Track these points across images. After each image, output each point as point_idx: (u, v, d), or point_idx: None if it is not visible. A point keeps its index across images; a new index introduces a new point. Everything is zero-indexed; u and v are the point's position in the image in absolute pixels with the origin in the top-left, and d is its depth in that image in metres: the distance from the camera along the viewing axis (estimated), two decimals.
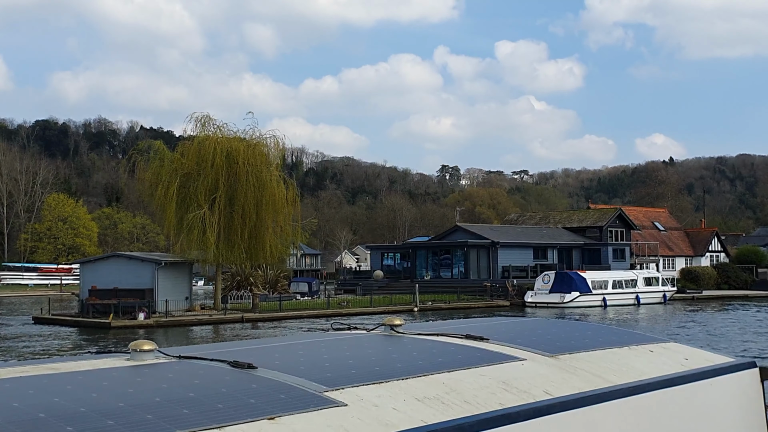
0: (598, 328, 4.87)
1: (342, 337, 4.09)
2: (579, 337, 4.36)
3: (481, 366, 3.40)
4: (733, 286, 68.30)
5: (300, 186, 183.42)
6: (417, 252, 61.98)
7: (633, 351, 4.18)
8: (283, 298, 50.63)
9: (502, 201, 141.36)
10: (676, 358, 4.21)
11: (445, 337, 3.98)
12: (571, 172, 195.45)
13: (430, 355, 3.56)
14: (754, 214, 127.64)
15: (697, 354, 4.44)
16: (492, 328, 4.50)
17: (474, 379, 3.21)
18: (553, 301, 52.67)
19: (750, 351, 26.72)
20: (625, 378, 3.67)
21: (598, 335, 4.46)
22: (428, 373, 3.19)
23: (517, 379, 3.32)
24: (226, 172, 42.29)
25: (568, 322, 5.30)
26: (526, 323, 5.07)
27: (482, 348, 3.77)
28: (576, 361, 3.77)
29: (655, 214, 79.36)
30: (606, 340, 4.29)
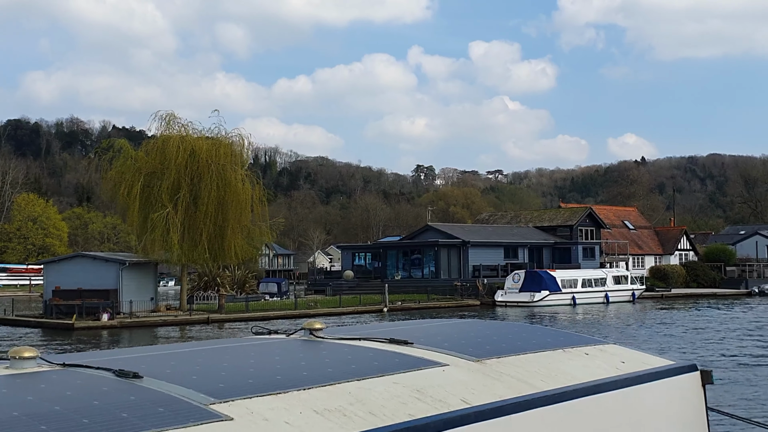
0: (533, 330, 4.66)
1: (254, 342, 3.88)
2: (511, 339, 4.18)
3: (396, 373, 3.19)
4: (702, 285, 68.76)
5: (274, 186, 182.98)
6: (387, 252, 61.74)
7: (567, 354, 4.00)
8: (252, 298, 50.24)
9: (476, 201, 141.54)
10: (612, 362, 4.03)
11: (367, 342, 3.78)
12: (544, 171, 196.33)
13: (344, 361, 3.35)
14: (724, 212, 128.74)
15: (636, 357, 4.27)
16: (419, 331, 4.31)
17: (385, 388, 3.00)
18: (523, 300, 52.71)
19: (706, 351, 26.77)
20: (553, 383, 3.48)
21: (533, 338, 4.28)
22: (335, 381, 2.97)
23: (433, 386, 3.11)
24: (189, 171, 41.80)
25: (504, 323, 5.10)
26: (456, 326, 4.85)
27: (403, 353, 3.57)
28: (502, 365, 3.58)
29: (625, 213, 79.77)
30: (540, 343, 4.11)
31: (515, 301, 52.98)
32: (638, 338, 31.43)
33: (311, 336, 3.93)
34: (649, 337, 32.05)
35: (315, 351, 3.62)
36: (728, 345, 27.72)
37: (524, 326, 4.97)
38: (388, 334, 3.91)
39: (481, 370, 3.46)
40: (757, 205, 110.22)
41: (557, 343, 4.18)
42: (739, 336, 31.30)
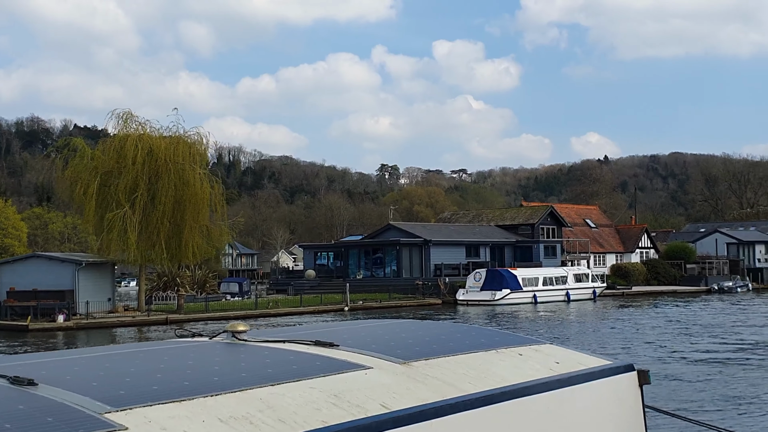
0: (467, 331, 4.50)
1: (170, 346, 3.68)
2: (443, 341, 4.05)
3: (315, 377, 3.03)
4: (662, 282, 69.48)
5: (238, 185, 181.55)
6: (349, 251, 61.52)
7: (499, 355, 3.87)
8: (212, 298, 49.77)
9: (440, 200, 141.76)
10: (546, 362, 3.91)
11: (291, 344, 3.62)
12: (508, 170, 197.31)
13: (261, 365, 3.18)
14: (686, 211, 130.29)
15: (572, 357, 4.14)
16: (347, 332, 4.17)
17: (300, 393, 2.84)
18: (484, 299, 52.82)
19: (655, 349, 26.93)
20: (481, 385, 3.35)
21: (466, 338, 4.14)
22: (247, 387, 2.80)
23: (352, 391, 2.96)
24: (147, 170, 41.25)
25: (438, 324, 4.94)
26: (387, 327, 4.68)
27: (326, 356, 3.42)
28: (429, 368, 3.44)
29: (587, 211, 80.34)
30: (472, 344, 3.98)
31: (476, 299, 53.07)
32: (587, 336, 31.58)
33: (233, 339, 3.76)
34: (600, 335, 32.20)
35: (233, 354, 3.45)
36: (679, 342, 27.86)
37: (458, 327, 4.83)
38: (315, 336, 3.78)
39: (406, 372, 3.33)
40: (718, 203, 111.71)
41: (491, 343, 4.06)
42: (691, 333, 31.57)
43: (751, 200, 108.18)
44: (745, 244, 77.55)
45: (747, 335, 30.15)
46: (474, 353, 3.80)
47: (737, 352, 25.00)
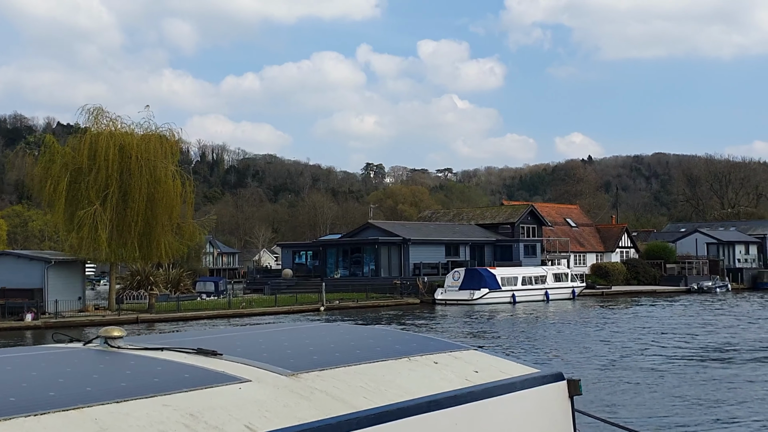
0: (382, 336, 4.08)
1: (38, 352, 3.31)
2: (349, 347, 3.65)
3: (175, 392, 2.62)
4: (642, 282, 69.35)
5: (221, 184, 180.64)
6: (327, 250, 60.99)
7: (410, 363, 3.49)
8: (186, 298, 49.18)
9: (424, 199, 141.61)
10: (463, 371, 3.53)
11: (170, 353, 3.22)
12: (493, 170, 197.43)
13: (118, 377, 2.77)
14: (668, 211, 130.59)
15: (496, 364, 3.77)
16: (238, 339, 3.75)
17: (148, 412, 2.42)
18: (463, 298, 52.46)
19: (610, 352, 26.61)
20: (377, 400, 2.96)
21: (377, 345, 3.76)
22: (86, 404, 2.39)
23: (214, 409, 2.55)
24: (119, 168, 40.67)
25: (349, 328, 4.45)
26: (287, 332, 4.22)
27: (201, 366, 3.01)
28: (320, 380, 3.04)
29: (567, 210, 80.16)
30: (383, 351, 3.59)
31: (455, 299, 52.71)
32: (547, 339, 31.16)
33: (106, 345, 3.34)
34: (562, 337, 31.87)
35: (93, 364, 3.03)
36: (640, 344, 27.47)
37: (372, 331, 4.36)
38: (199, 343, 3.36)
39: (290, 386, 2.93)
40: (699, 203, 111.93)
41: (404, 350, 3.67)
42: (656, 335, 31.31)
43: (732, 200, 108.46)
44: (724, 244, 77.58)
45: (712, 338, 29.91)
46: (380, 362, 3.41)
47: (698, 354, 24.71)
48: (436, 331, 34.88)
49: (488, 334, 33.19)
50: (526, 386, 3.60)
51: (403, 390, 3.13)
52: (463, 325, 38.05)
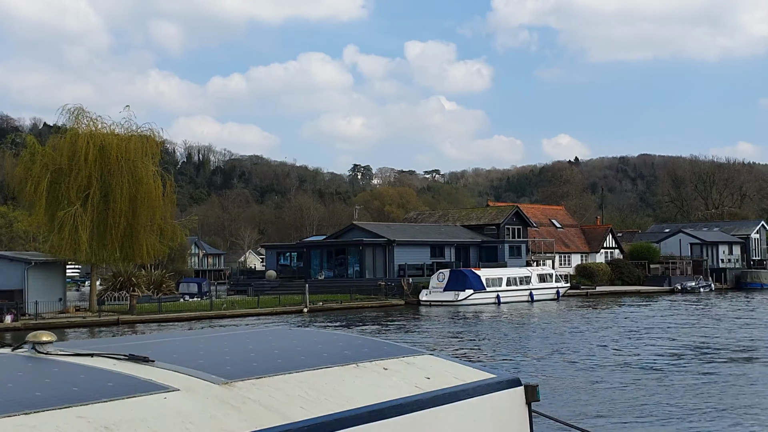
0: (331, 341, 3.94)
1: None
2: (293, 353, 3.47)
3: (92, 403, 2.45)
4: (626, 282, 69.48)
5: (207, 185, 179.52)
6: (312, 251, 60.73)
7: (358, 370, 3.34)
8: (169, 299, 48.87)
9: (412, 200, 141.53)
10: (414, 378, 3.38)
11: (99, 359, 3.06)
12: (481, 171, 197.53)
13: (38, 386, 2.62)
14: (654, 211, 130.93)
15: (450, 370, 3.63)
16: (175, 344, 3.61)
17: (59, 425, 2.27)
18: (448, 299, 52.36)
19: (579, 354, 26.54)
20: (316, 410, 2.80)
21: (325, 350, 3.61)
22: None
23: (132, 421, 2.39)
24: (99, 168, 40.37)
25: (298, 332, 4.29)
26: (229, 337, 4.02)
27: (129, 374, 2.85)
28: (256, 388, 2.88)
29: (553, 211, 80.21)
30: (332, 357, 3.44)
31: (439, 300, 52.60)
32: (525, 340, 31.09)
33: (34, 351, 3.19)
34: (536, 338, 31.81)
35: (11, 372, 2.86)
36: (613, 346, 27.31)
37: (325, 336, 4.20)
38: (133, 349, 3.20)
39: (221, 395, 2.77)
40: (683, 204, 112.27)
41: (354, 356, 3.52)
42: (631, 336, 31.27)
43: (716, 201, 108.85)
44: (708, 244, 77.81)
45: (689, 339, 29.90)
46: (324, 369, 3.25)
47: (674, 356, 24.65)
48: (417, 332, 34.76)
49: (467, 335, 33.09)
50: (481, 392, 3.47)
51: (345, 399, 2.98)
52: (443, 326, 37.92)
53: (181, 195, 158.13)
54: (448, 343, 29.50)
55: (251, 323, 39.10)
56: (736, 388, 17.94)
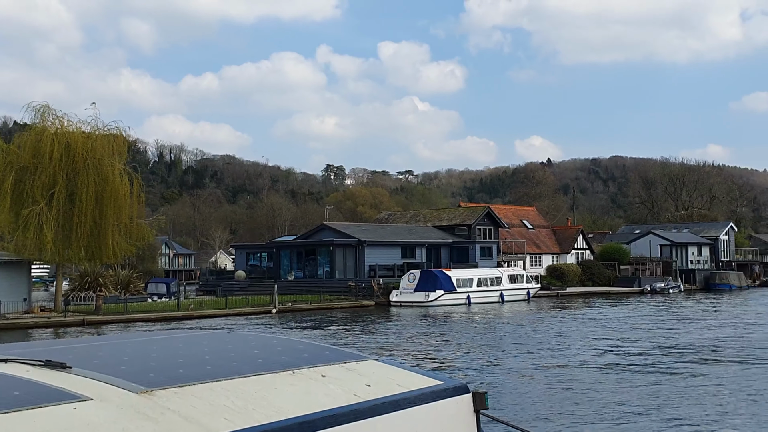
0: (271, 346, 3.69)
1: None
2: (227, 359, 3.25)
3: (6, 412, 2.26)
4: (597, 283, 69.82)
5: (179, 184, 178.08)
6: (281, 251, 60.34)
7: (294, 377, 3.14)
8: (136, 299, 48.29)
9: (384, 201, 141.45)
10: (353, 385, 3.20)
11: (15, 364, 2.86)
12: (454, 172, 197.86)
13: None
14: (625, 213, 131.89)
15: (395, 376, 3.45)
16: (95, 349, 3.37)
17: None
18: (418, 300, 52.26)
19: (537, 357, 26.51)
20: (241, 421, 2.61)
21: (262, 355, 3.39)
22: None
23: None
24: (65, 166, 39.75)
25: (235, 336, 4.05)
26: (159, 342, 3.78)
27: (42, 382, 2.64)
28: (177, 397, 2.67)
29: (524, 212, 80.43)
30: (267, 363, 3.23)
31: (410, 301, 52.49)
32: (488, 341, 31.06)
33: None
34: (496, 339, 31.79)
35: None
36: (569, 348, 27.23)
37: (264, 340, 3.96)
38: (51, 354, 2.99)
39: (137, 404, 2.57)
40: (654, 205, 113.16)
41: (292, 362, 3.31)
42: (592, 337, 31.32)
43: (686, 203, 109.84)
44: (677, 245, 78.39)
45: (652, 340, 29.98)
46: (256, 376, 3.04)
47: (635, 358, 24.67)
48: (382, 334, 34.57)
49: (432, 337, 32.93)
50: (425, 400, 3.29)
51: (274, 409, 2.78)
52: (410, 327, 37.73)
53: (152, 194, 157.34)
54: (410, 344, 29.30)
55: (218, 325, 38.72)
56: (691, 388, 17.94)
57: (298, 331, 35.35)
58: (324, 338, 31.95)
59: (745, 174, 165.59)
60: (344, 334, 33.74)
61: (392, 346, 28.24)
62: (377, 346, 28.35)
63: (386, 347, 27.95)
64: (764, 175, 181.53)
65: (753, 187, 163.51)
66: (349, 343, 30.02)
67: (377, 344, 29.08)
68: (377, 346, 28.14)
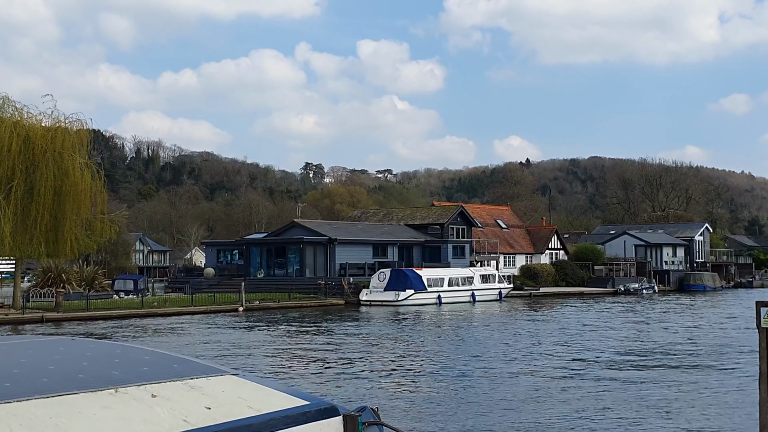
0: (105, 357, 3.15)
1: None
2: (38, 375, 2.72)
3: None
4: (570, 283, 69.52)
5: (156, 181, 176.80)
6: (251, 249, 59.56)
7: (113, 397, 2.63)
8: (102, 296, 47.39)
9: (362, 199, 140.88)
10: (186, 407, 2.71)
11: None
12: (433, 171, 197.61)
13: None
14: (603, 213, 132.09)
15: (251, 395, 2.95)
16: None
17: None
18: (388, 299, 51.70)
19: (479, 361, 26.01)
20: None
21: (87, 369, 2.86)
22: None
23: None
24: (24, 159, 38.83)
25: (72, 344, 3.41)
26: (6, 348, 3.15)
27: None
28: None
29: (499, 211, 80.00)
30: (87, 379, 2.71)
31: (380, 300, 51.93)
32: (450, 342, 30.56)
33: None
34: (462, 342, 31.31)
35: None
36: (517, 354, 26.60)
37: (102, 348, 3.33)
38: None
39: None
40: (631, 206, 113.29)
41: (121, 378, 2.79)
42: (545, 342, 30.85)
43: (663, 203, 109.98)
44: (652, 246, 78.29)
45: (614, 343, 29.61)
46: (61, 396, 2.51)
47: (593, 361, 24.23)
48: (341, 334, 33.92)
49: (386, 338, 32.37)
50: (280, 425, 2.79)
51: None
52: (374, 328, 37.13)
53: (129, 191, 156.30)
54: (358, 347, 28.58)
55: (183, 322, 37.99)
56: (641, 393, 17.45)
57: (257, 330, 34.64)
58: (278, 338, 31.26)
59: (723, 175, 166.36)
60: (296, 335, 33.06)
61: (334, 347, 27.58)
62: (320, 344, 27.67)
63: (330, 348, 27.33)
64: (742, 176, 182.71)
65: (730, 189, 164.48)
66: (296, 342, 29.35)
67: (322, 343, 28.42)
68: (319, 345, 27.50)
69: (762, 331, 9.29)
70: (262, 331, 34.15)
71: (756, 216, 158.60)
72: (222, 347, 27.52)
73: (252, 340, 30.53)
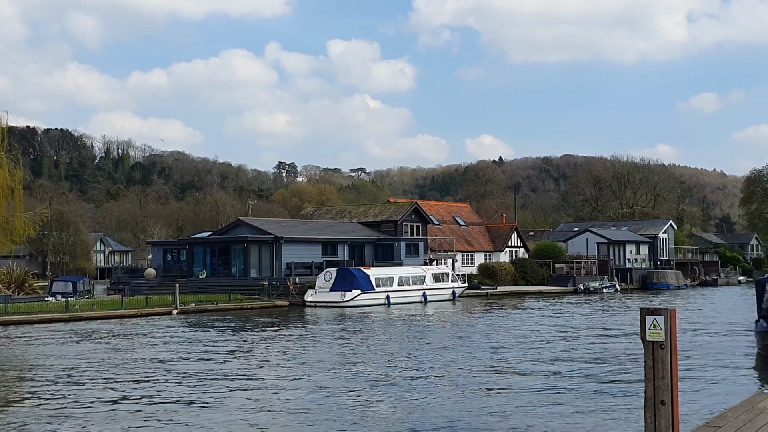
0: None
1: None
2: None
3: None
4: (530, 282, 67.88)
5: (126, 180, 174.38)
6: (194, 248, 57.46)
7: None
8: (32, 299, 45.30)
9: (332, 198, 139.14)
10: None
11: None
12: (406, 170, 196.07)
13: None
14: (575, 211, 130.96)
15: None
16: None
17: None
18: (333, 300, 49.89)
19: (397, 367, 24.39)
20: None
21: None
22: None
23: None
24: None
25: None
26: None
27: None
28: None
29: (457, 209, 78.19)
30: None
31: (325, 301, 50.09)
32: (370, 348, 28.88)
33: None
34: (396, 346, 29.70)
35: None
36: (446, 358, 25.25)
37: None
38: None
39: None
40: (599, 203, 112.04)
41: None
42: (478, 348, 29.34)
43: (631, 201, 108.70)
44: (615, 243, 76.66)
45: (553, 349, 28.11)
46: None
47: (526, 365, 22.66)
48: (269, 340, 32.16)
49: (317, 344, 30.68)
50: None
51: None
52: (309, 331, 35.43)
53: (97, 190, 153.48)
54: (284, 354, 26.90)
55: (110, 328, 36.00)
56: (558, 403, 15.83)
57: (177, 339, 32.70)
58: (192, 344, 29.27)
59: (695, 173, 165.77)
60: (224, 342, 31.19)
61: (239, 354, 25.83)
62: (226, 350, 25.84)
63: (258, 358, 25.58)
64: (713, 174, 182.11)
65: (703, 187, 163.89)
66: (195, 351, 27.42)
67: (231, 348, 26.59)
68: (225, 351, 25.67)
69: (648, 346, 7.47)
70: (177, 341, 32.21)
71: (727, 214, 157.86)
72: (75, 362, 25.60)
73: (136, 348, 28.60)
